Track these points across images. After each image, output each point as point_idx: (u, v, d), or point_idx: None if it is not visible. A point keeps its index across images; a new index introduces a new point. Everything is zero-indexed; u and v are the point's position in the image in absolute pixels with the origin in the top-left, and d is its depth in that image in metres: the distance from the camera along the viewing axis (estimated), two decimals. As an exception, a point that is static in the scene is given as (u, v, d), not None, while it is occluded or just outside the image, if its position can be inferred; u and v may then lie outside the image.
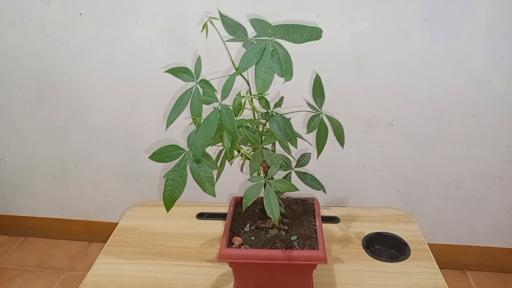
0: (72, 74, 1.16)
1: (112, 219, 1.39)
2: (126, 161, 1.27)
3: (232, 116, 0.63)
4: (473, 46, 0.99)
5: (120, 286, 0.93)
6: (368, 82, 1.06)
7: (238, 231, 0.81)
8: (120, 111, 1.19)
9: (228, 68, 1.04)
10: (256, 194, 0.70)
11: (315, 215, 0.85)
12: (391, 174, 1.18)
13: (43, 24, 1.10)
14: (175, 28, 1.05)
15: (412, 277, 0.92)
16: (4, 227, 1.48)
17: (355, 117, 1.10)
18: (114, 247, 1.05)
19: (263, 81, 0.61)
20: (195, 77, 0.70)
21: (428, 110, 1.07)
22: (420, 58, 1.01)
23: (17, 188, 1.40)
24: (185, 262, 0.99)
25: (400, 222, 1.12)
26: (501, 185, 1.15)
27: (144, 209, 1.21)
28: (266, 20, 0.64)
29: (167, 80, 1.10)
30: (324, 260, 0.73)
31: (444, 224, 1.23)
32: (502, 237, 1.22)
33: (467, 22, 0.96)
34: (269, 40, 0.62)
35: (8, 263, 1.37)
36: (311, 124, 0.75)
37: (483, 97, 1.04)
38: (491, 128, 1.08)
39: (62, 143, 1.28)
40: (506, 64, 1.00)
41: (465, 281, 1.24)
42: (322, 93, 0.76)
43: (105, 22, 1.07)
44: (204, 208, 1.20)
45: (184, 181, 0.67)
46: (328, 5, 0.98)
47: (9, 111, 1.25)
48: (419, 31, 0.98)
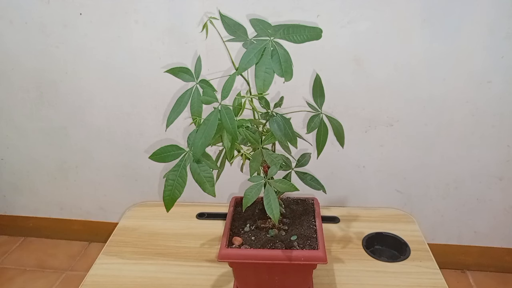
0: (72, 74, 1.16)
1: (112, 219, 1.39)
2: (126, 161, 1.27)
3: (232, 116, 0.63)
4: (473, 46, 0.99)
5: (120, 286, 0.93)
6: (368, 82, 1.06)
7: (238, 231, 0.81)
8: (120, 111, 1.19)
9: (228, 68, 1.04)
10: (256, 194, 0.70)
11: (315, 215, 0.85)
12: (391, 174, 1.18)
13: (43, 24, 1.10)
14: (175, 28, 1.05)
15: (412, 277, 0.92)
16: (4, 227, 1.48)
17: (355, 117, 1.10)
18: (114, 247, 1.05)
19: (263, 81, 0.61)
20: (195, 77, 0.70)
21: (428, 110, 1.07)
22: (420, 58, 1.01)
23: (17, 188, 1.40)
24: (185, 262, 0.99)
25: (400, 222, 1.12)
26: (501, 185, 1.15)
27: (144, 209, 1.21)
28: (266, 20, 0.64)
29: (167, 80, 1.10)
30: (324, 260, 0.73)
31: (444, 224, 1.23)
32: (502, 237, 1.22)
33: (467, 22, 0.96)
34: (269, 40, 0.62)
35: (8, 263, 1.37)
36: (311, 124, 0.75)
37: (483, 97, 1.04)
38: (491, 128, 1.08)
39: (62, 143, 1.28)
40: (506, 64, 1.00)
41: (465, 281, 1.24)
42: (322, 93, 0.76)
43: (105, 22, 1.07)
44: (204, 208, 1.20)
45: (184, 181, 0.67)
46: (328, 5, 0.98)
47: (9, 111, 1.25)
48: (419, 31, 0.98)
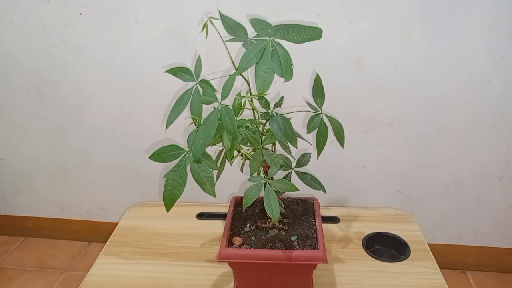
0: (72, 74, 1.16)
1: (112, 219, 1.39)
2: (126, 161, 1.27)
3: (232, 116, 0.63)
4: (473, 46, 0.99)
5: (120, 286, 0.93)
6: (368, 82, 1.06)
7: (238, 231, 0.81)
8: (120, 111, 1.19)
9: (228, 68, 1.04)
10: (256, 194, 0.70)
11: (315, 215, 0.85)
12: (391, 174, 1.18)
13: (43, 24, 1.10)
14: (175, 28, 1.05)
15: (412, 277, 0.92)
16: (4, 227, 1.48)
17: (355, 117, 1.10)
18: (114, 247, 1.05)
19: (263, 81, 0.61)
20: (195, 77, 0.70)
21: (428, 110, 1.07)
22: (420, 58, 1.01)
23: (17, 188, 1.40)
24: (185, 262, 0.99)
25: (400, 222, 1.12)
26: (501, 185, 1.15)
27: (144, 209, 1.21)
28: (266, 20, 0.64)
29: (167, 80, 1.10)
30: (324, 260, 0.73)
31: (444, 224, 1.23)
32: (502, 237, 1.22)
33: (467, 22, 0.96)
34: (269, 40, 0.62)
35: (8, 263, 1.37)
36: (311, 124, 0.75)
37: (483, 97, 1.04)
38: (491, 128, 1.08)
39: (62, 143, 1.28)
40: (506, 64, 1.00)
41: (465, 281, 1.24)
42: (322, 93, 0.76)
43: (105, 22, 1.07)
44: (204, 208, 1.20)
45: (184, 181, 0.67)
46: (328, 5, 0.98)
47: (9, 111, 1.25)
48: (419, 31, 0.98)
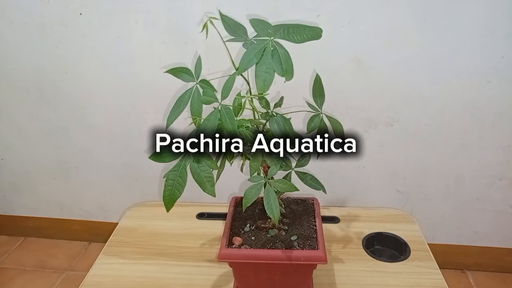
0: (72, 74, 1.16)
1: (112, 219, 1.39)
2: (126, 161, 1.27)
3: (232, 116, 0.63)
4: (473, 46, 0.99)
5: (120, 286, 0.92)
6: (368, 82, 1.06)
7: (238, 231, 0.81)
8: (120, 111, 1.19)
9: (228, 68, 1.04)
10: (256, 194, 0.70)
11: (315, 215, 0.85)
12: (391, 174, 1.18)
13: (43, 24, 1.10)
14: (175, 28, 1.05)
15: (412, 277, 0.92)
16: (4, 227, 1.48)
17: (355, 117, 1.10)
18: (114, 247, 1.05)
19: (264, 81, 0.60)
20: (195, 77, 0.70)
21: (428, 110, 1.07)
22: (420, 58, 1.01)
23: (17, 188, 1.40)
24: (185, 262, 0.99)
25: (400, 222, 1.12)
26: (501, 185, 1.15)
27: (144, 209, 1.21)
28: (266, 20, 0.64)
29: (167, 80, 1.09)
30: (324, 260, 0.73)
31: (444, 224, 1.23)
32: (502, 237, 1.22)
33: (467, 22, 0.96)
34: (269, 40, 0.62)
35: (8, 263, 1.37)
36: (311, 124, 0.75)
37: (483, 97, 1.04)
38: (491, 128, 1.08)
39: (62, 143, 1.28)
40: (506, 64, 1.00)
41: (465, 281, 1.25)
42: (322, 93, 0.76)
43: (105, 22, 1.07)
44: (204, 208, 1.20)
45: (184, 181, 0.67)
46: (328, 5, 0.98)
47: (9, 111, 1.25)
48: (419, 31, 0.98)
